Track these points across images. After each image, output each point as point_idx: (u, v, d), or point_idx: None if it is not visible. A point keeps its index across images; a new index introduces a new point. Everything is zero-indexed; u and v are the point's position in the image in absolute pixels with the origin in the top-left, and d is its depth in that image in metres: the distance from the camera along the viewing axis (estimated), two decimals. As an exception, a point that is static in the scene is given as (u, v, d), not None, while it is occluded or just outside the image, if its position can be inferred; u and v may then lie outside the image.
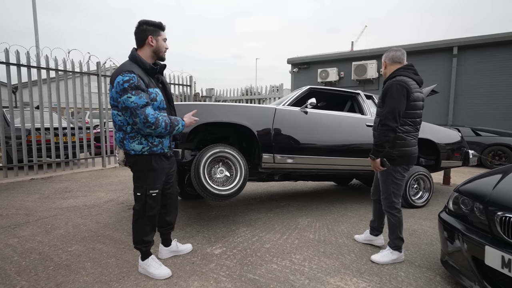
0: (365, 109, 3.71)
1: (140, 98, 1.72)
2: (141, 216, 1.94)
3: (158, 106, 1.85)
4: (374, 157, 2.15)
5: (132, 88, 1.71)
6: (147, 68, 1.83)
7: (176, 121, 1.85)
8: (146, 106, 1.74)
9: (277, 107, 3.12)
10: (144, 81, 1.78)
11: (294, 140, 3.09)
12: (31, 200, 3.92)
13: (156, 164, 1.89)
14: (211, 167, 2.70)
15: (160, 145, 1.86)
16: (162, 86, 1.94)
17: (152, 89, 1.82)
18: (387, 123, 2.08)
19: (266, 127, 2.97)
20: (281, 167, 3.09)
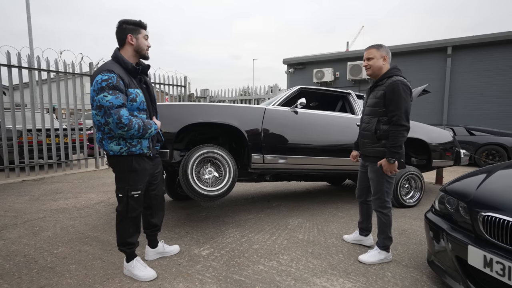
0: (356, 109, 3.71)
1: (117, 98, 1.70)
2: (124, 217, 1.92)
3: (137, 107, 1.83)
4: (394, 160, 2.08)
5: (110, 87, 1.70)
6: (128, 68, 1.81)
7: (149, 124, 1.84)
8: (122, 107, 1.72)
9: (266, 107, 3.11)
10: (124, 81, 1.76)
11: (284, 140, 3.08)
12: (20, 202, 3.88)
13: (138, 164, 1.87)
14: (200, 167, 2.68)
15: (139, 145, 1.84)
16: (145, 87, 1.92)
17: (132, 90, 1.81)
18: (402, 123, 2.06)
19: (255, 127, 2.95)
20: (271, 167, 3.08)
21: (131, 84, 1.80)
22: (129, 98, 1.79)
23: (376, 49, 2.23)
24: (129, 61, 1.82)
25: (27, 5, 9.40)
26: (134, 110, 1.81)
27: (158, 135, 2.07)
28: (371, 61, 2.23)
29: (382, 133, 2.19)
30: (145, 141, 1.88)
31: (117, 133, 1.74)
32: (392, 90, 2.11)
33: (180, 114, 2.77)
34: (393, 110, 2.11)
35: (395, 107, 2.10)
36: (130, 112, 1.80)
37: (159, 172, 2.10)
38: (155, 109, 1.98)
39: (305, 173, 3.51)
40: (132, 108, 1.81)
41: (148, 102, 1.93)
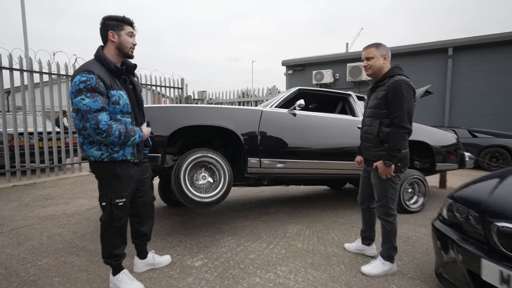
0: (356, 111, 3.60)
1: (95, 101, 1.60)
2: (108, 227, 1.80)
3: (121, 110, 1.72)
4: (390, 163, 1.98)
5: (88, 89, 1.60)
6: (111, 68, 1.71)
7: (133, 131, 1.72)
8: (101, 111, 1.62)
9: (263, 109, 3.01)
10: (105, 82, 1.66)
11: (282, 143, 2.99)
12: (8, 208, 3.75)
13: (122, 170, 1.76)
14: (193, 173, 2.59)
15: (122, 151, 1.73)
16: (132, 88, 1.82)
17: (115, 92, 1.70)
18: (404, 125, 1.96)
19: (251, 130, 2.86)
20: (269, 172, 2.99)
21: (114, 85, 1.70)
22: (111, 100, 1.68)
23: (375, 48, 2.12)
24: (111, 61, 1.71)
25: (22, 7, 9.31)
26: (117, 114, 1.71)
27: (146, 139, 1.96)
28: (371, 61, 2.12)
29: (385, 136, 2.07)
30: (129, 147, 1.76)
31: (95, 139, 1.64)
32: (394, 90, 2.00)
33: (172, 116, 2.67)
34: (395, 112, 1.99)
35: (397, 108, 1.98)
36: (113, 115, 1.69)
37: (148, 178, 1.99)
38: (142, 112, 1.88)
39: (304, 178, 3.40)
40: (115, 112, 1.70)
41: (134, 104, 1.82)
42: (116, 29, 1.73)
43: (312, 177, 3.27)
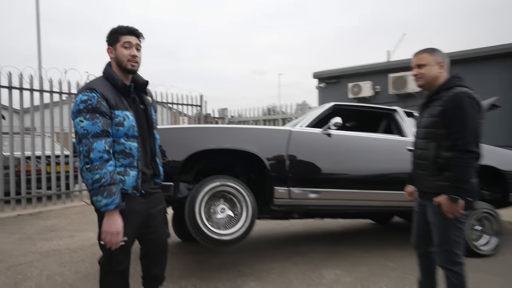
0: (405, 129, 3.41)
1: (94, 124, 1.58)
2: (107, 272, 1.71)
3: (125, 132, 1.67)
4: (457, 198, 1.78)
5: (88, 110, 1.58)
6: (118, 85, 1.69)
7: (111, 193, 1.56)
8: (100, 137, 1.58)
9: (292, 129, 2.94)
10: (109, 101, 1.63)
11: (316, 169, 2.90)
12: (9, 241, 3.83)
13: (125, 204, 1.67)
14: (210, 204, 2.53)
15: (121, 184, 1.65)
16: (143, 108, 1.79)
17: (119, 112, 1.66)
18: (470, 148, 1.78)
19: (278, 154, 2.78)
20: (299, 203, 2.89)
21: (120, 105, 1.67)
22: (114, 121, 1.64)
23: (429, 54, 1.96)
24: (119, 77, 1.70)
25: (38, 22, 10.10)
26: (121, 137, 1.67)
27: (155, 166, 1.86)
28: (423, 69, 1.96)
29: (445, 162, 1.87)
30: (130, 178, 1.68)
31: (80, 166, 1.59)
32: (455, 106, 1.82)
33: (187, 139, 2.67)
34: (457, 132, 1.81)
35: (460, 127, 1.80)
36: (116, 139, 1.65)
37: (160, 212, 1.90)
38: (153, 136, 1.83)
39: (342, 210, 3.24)
40: (118, 134, 1.66)
41: (143, 127, 1.78)
42: (112, 43, 1.72)
43: (352, 209, 3.16)
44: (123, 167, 1.66)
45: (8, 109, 5.25)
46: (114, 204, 1.57)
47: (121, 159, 1.66)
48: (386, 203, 3.12)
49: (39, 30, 10.12)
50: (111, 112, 1.64)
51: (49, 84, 5.61)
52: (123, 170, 1.66)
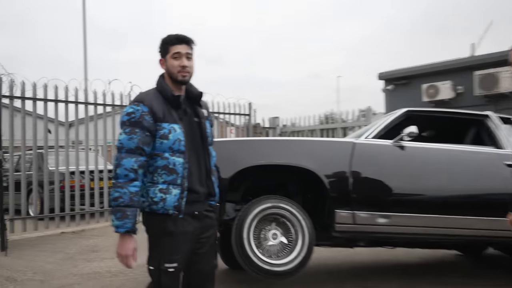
0: (501, 140, 3.12)
1: (130, 139, 1.66)
2: None
3: (170, 146, 1.71)
4: None
5: (130, 124, 1.68)
6: (168, 96, 1.77)
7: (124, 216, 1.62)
8: (131, 154, 1.65)
9: (356, 141, 2.88)
10: (156, 114, 1.70)
11: (386, 189, 2.79)
12: (52, 261, 4.12)
13: (174, 226, 1.71)
14: (260, 229, 2.53)
15: (162, 202, 1.69)
16: (197, 121, 1.85)
17: (166, 124, 1.72)
18: None
19: (340, 170, 2.72)
20: (366, 230, 2.80)
21: (168, 117, 1.74)
22: (159, 134, 1.70)
23: None
24: (169, 88, 1.79)
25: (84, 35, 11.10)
26: (165, 151, 1.71)
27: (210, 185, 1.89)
28: None
29: None
30: (172, 197, 1.71)
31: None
32: None
33: (234, 153, 2.70)
34: None
35: None
36: (159, 153, 1.71)
37: (209, 239, 1.90)
38: (207, 151, 1.87)
39: (420, 239, 3.08)
40: (162, 148, 1.71)
41: (195, 142, 1.83)
42: (163, 55, 1.81)
43: (432, 239, 3.01)
44: (166, 184, 1.70)
45: (54, 122, 5.73)
46: (124, 228, 1.63)
47: (164, 175, 1.70)
48: (476, 232, 2.90)
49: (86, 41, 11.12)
50: (156, 125, 1.70)
51: (93, 96, 6.04)
52: (165, 188, 1.70)
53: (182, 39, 1.79)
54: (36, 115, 5.52)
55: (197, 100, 1.87)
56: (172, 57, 1.76)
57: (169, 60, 1.77)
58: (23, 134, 5.36)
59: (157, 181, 1.69)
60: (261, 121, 8.47)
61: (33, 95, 5.44)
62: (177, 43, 1.77)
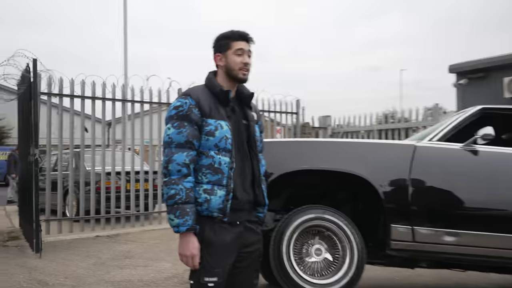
0: None
1: (179, 133, 1.72)
2: None
3: (216, 143, 1.76)
4: None
5: (178, 117, 1.75)
6: (216, 91, 1.84)
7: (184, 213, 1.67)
8: (181, 148, 1.71)
9: (418, 144, 2.75)
10: (202, 108, 1.78)
11: (454, 201, 2.66)
12: (85, 266, 4.32)
13: (213, 234, 1.73)
14: (302, 242, 2.50)
15: (206, 204, 1.73)
16: (246, 124, 1.92)
17: (212, 121, 1.78)
18: None
19: (397, 178, 2.63)
20: (428, 249, 2.64)
21: (215, 113, 1.81)
22: (205, 130, 1.77)
23: None
24: (218, 84, 1.87)
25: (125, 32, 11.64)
26: (211, 149, 1.77)
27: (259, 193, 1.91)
28: None
29: None
30: (217, 198, 1.74)
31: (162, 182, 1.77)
32: None
33: (274, 156, 2.65)
34: None
35: None
36: (205, 150, 1.77)
37: (251, 254, 1.91)
38: (255, 156, 1.92)
39: (497, 264, 2.85)
40: (208, 145, 1.77)
41: (243, 144, 1.89)
42: (222, 50, 1.86)
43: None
44: (210, 185, 1.74)
45: (91, 120, 6.01)
46: (186, 226, 1.66)
47: (209, 174, 1.74)
48: None
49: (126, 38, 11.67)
50: (202, 120, 1.77)
51: (130, 93, 6.27)
52: (210, 188, 1.74)
53: (245, 36, 1.87)
54: (73, 112, 5.82)
55: (247, 101, 1.93)
56: (235, 53, 1.84)
57: (230, 56, 1.84)
58: (60, 133, 5.70)
59: (201, 181, 1.74)
60: (310, 120, 8.36)
61: (71, 92, 5.76)
62: (240, 39, 1.85)
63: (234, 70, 1.84)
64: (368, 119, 7.87)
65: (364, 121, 7.92)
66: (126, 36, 12.09)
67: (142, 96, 6.39)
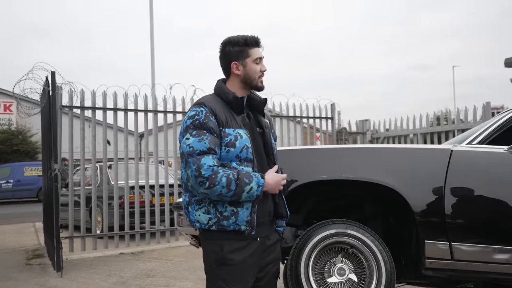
0: None
1: (201, 141, 1.76)
2: None
3: (237, 154, 1.80)
4: None
5: (195, 126, 1.78)
6: (229, 99, 1.88)
7: (248, 177, 1.76)
8: (206, 154, 1.75)
9: (455, 148, 2.59)
10: (218, 117, 1.82)
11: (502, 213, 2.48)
12: (105, 285, 4.40)
13: (231, 253, 1.79)
14: (324, 261, 2.40)
15: (233, 217, 1.78)
16: (260, 132, 1.98)
17: (230, 130, 1.82)
18: None
19: (430, 187, 2.48)
20: (472, 268, 2.46)
21: (231, 122, 1.85)
22: (225, 141, 1.81)
23: None
24: (230, 91, 1.90)
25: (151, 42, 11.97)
26: (233, 160, 1.82)
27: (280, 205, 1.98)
28: None
29: None
30: (244, 211, 1.79)
31: (199, 192, 1.78)
32: None
33: (292, 165, 2.58)
34: None
35: None
36: (226, 162, 1.81)
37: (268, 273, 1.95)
38: (271, 161, 1.98)
39: None
40: (229, 157, 1.81)
41: (260, 150, 1.95)
42: (240, 58, 1.90)
43: None
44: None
45: (113, 132, 6.16)
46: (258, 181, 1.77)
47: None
48: None
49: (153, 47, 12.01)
50: (220, 130, 1.80)
51: (152, 102, 6.38)
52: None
53: (259, 41, 1.94)
54: (95, 125, 5.99)
55: (260, 109, 1.99)
56: (254, 61, 1.90)
57: (250, 64, 1.90)
58: (82, 146, 5.86)
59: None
60: (347, 125, 8.19)
61: (92, 104, 5.93)
62: (256, 46, 1.93)
63: (254, 79, 1.90)
64: (416, 122, 7.47)
65: (411, 123, 7.56)
66: (153, 45, 12.47)
67: (166, 105, 6.50)
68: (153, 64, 12.21)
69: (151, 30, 12.68)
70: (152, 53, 12.29)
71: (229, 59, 1.91)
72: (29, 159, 20.32)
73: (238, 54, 1.89)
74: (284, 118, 7.52)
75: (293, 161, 2.61)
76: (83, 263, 5.43)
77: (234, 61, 1.90)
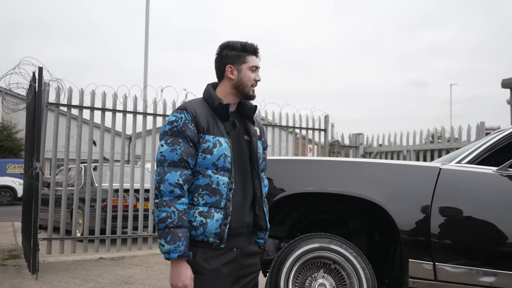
0: None
1: (173, 151, 1.73)
2: None
3: (214, 162, 1.77)
4: None
5: (172, 133, 1.76)
6: (215, 106, 1.85)
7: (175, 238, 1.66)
8: (175, 167, 1.72)
9: (443, 167, 2.60)
10: (199, 123, 1.79)
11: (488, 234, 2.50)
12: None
13: (204, 261, 1.74)
14: (305, 276, 2.39)
15: (201, 228, 1.73)
16: (248, 140, 1.95)
17: (210, 137, 1.80)
18: None
19: (417, 204, 2.49)
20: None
21: (214, 129, 1.83)
22: (202, 147, 1.78)
23: None
24: (217, 97, 1.88)
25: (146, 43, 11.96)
26: (208, 168, 1.77)
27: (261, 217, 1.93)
28: None
29: None
30: (213, 222, 1.74)
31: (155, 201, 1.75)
32: None
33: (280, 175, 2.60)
34: None
35: None
36: (201, 170, 1.77)
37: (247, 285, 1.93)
38: (256, 175, 1.94)
39: None
40: (205, 164, 1.77)
41: (245, 162, 1.91)
42: (235, 62, 1.89)
43: None
44: (207, 207, 1.75)
45: (100, 133, 6.12)
46: (177, 253, 1.65)
47: (206, 196, 1.75)
48: None
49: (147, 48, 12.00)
50: (199, 136, 1.77)
51: (142, 104, 6.36)
52: (206, 211, 1.74)
53: (258, 50, 1.93)
54: (81, 124, 5.95)
55: (250, 116, 1.96)
56: (250, 69, 1.90)
57: (245, 71, 1.89)
58: (67, 145, 5.81)
59: (197, 203, 1.74)
60: (340, 138, 8.22)
61: (80, 102, 5.89)
62: (254, 53, 1.92)
63: (247, 86, 1.88)
64: (410, 139, 7.49)
65: (405, 140, 7.59)
66: (147, 46, 12.44)
67: (156, 108, 6.47)
68: (146, 65, 12.19)
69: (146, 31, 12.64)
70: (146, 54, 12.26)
71: (225, 62, 1.90)
72: (13, 156, 20.12)
73: (235, 58, 1.89)
74: (276, 128, 7.53)
75: (280, 171, 2.61)
76: (60, 266, 5.35)
77: (229, 64, 1.89)
